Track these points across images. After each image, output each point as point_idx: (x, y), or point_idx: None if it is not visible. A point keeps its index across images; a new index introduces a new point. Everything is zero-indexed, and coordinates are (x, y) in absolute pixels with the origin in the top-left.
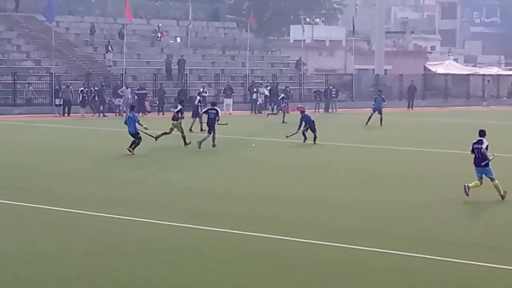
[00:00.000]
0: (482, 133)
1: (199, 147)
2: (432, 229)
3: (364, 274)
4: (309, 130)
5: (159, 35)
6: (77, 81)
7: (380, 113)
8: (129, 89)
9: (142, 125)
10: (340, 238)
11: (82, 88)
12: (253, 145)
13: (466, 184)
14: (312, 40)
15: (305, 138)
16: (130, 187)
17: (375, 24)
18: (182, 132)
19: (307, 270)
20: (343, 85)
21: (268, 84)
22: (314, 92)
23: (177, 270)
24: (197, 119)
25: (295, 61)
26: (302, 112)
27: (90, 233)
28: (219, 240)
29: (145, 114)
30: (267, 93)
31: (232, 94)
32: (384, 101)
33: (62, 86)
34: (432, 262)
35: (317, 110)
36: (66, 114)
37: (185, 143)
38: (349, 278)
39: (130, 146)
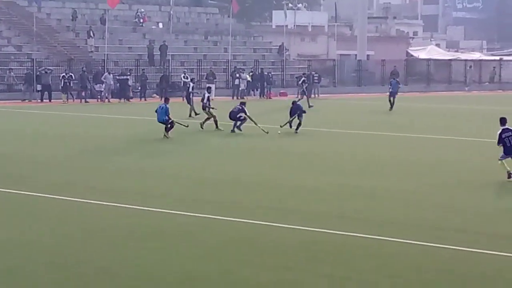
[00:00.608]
0: (504, 121)
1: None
2: (418, 215)
3: (349, 260)
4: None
5: (141, 20)
6: (58, 67)
7: (394, 97)
8: (111, 75)
9: (169, 119)
10: (326, 224)
11: (64, 74)
12: (279, 132)
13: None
14: (294, 25)
15: (291, 126)
16: (114, 174)
17: (358, 9)
18: (213, 117)
19: (293, 256)
20: (326, 71)
21: (252, 70)
22: (296, 77)
23: (163, 257)
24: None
25: (277, 47)
26: (294, 102)
27: (75, 220)
28: (204, 226)
29: (128, 100)
30: (249, 78)
31: (215, 80)
32: (400, 85)
33: (41, 72)
34: (417, 248)
35: (299, 95)
36: (45, 100)
37: (217, 126)
38: (334, 264)
39: (166, 131)
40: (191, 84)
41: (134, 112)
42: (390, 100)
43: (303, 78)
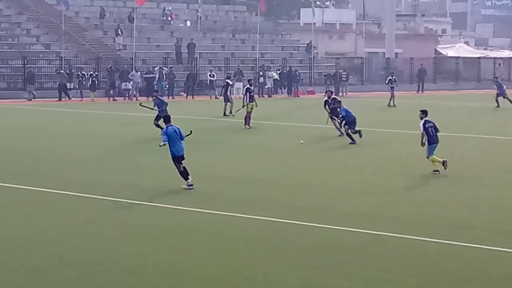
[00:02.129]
0: (426, 113)
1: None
2: (437, 212)
3: (372, 259)
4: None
5: (169, 18)
6: (86, 65)
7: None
8: (138, 73)
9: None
10: (349, 222)
11: (92, 72)
12: (301, 142)
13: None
14: (322, 23)
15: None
16: (140, 172)
17: (386, 7)
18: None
19: (318, 254)
20: (354, 69)
21: (279, 68)
22: (324, 75)
23: (187, 254)
24: (229, 103)
25: (305, 45)
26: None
27: (100, 218)
28: (229, 224)
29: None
30: (276, 77)
31: (242, 78)
32: (504, 87)
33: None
34: (441, 246)
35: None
36: (63, 99)
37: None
38: (358, 263)
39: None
40: (230, 83)
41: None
42: (497, 100)
43: (389, 77)
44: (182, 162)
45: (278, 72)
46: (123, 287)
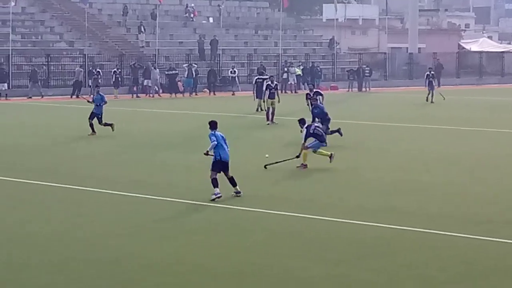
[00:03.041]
0: (303, 121)
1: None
2: (463, 207)
3: (399, 253)
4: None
5: (191, 15)
6: (110, 62)
7: None
8: (157, 70)
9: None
10: (376, 217)
11: (115, 69)
12: (267, 155)
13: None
14: (345, 19)
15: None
16: (161, 168)
17: (409, 2)
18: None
19: (342, 249)
20: (377, 64)
21: (300, 64)
22: (347, 71)
23: (212, 250)
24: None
25: (328, 40)
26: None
27: (123, 214)
28: (254, 219)
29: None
30: (299, 72)
31: (265, 74)
32: None
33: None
34: (468, 241)
35: (350, 89)
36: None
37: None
38: (384, 257)
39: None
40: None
41: (184, 107)
42: None
43: (426, 73)
44: (227, 170)
45: (300, 67)
46: (145, 284)
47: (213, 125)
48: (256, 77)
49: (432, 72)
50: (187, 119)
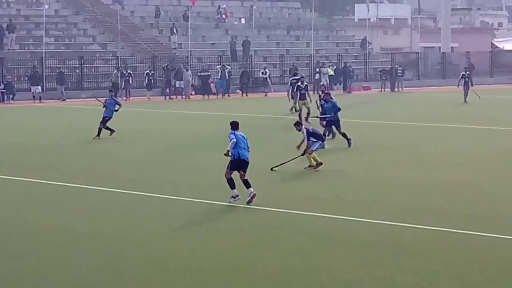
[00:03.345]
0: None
1: None
2: (504, 208)
3: (436, 254)
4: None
5: (223, 16)
6: (142, 64)
7: None
8: (189, 71)
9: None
10: (412, 218)
11: (148, 71)
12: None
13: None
14: (377, 18)
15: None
16: (196, 169)
17: (441, 1)
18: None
19: (380, 251)
20: (409, 64)
21: (331, 64)
22: (380, 71)
23: (251, 252)
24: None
25: (360, 40)
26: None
27: (162, 216)
28: (292, 221)
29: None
30: (331, 73)
31: (299, 75)
32: None
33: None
34: (505, 242)
35: (383, 89)
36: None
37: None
38: (422, 259)
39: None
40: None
41: (216, 108)
42: None
43: (462, 73)
44: (245, 170)
45: (333, 68)
46: (184, 285)
47: (234, 125)
48: (291, 78)
49: (467, 72)
50: (219, 120)
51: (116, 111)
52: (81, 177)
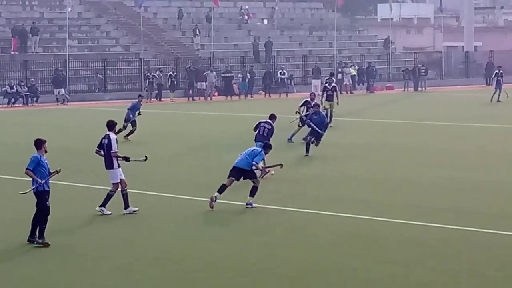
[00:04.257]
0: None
1: None
2: None
3: (460, 253)
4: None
5: (246, 17)
6: (165, 66)
7: None
8: (213, 72)
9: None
10: (435, 218)
11: (171, 73)
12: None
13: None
14: (399, 18)
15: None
16: (220, 170)
17: (464, 0)
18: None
19: (401, 250)
20: (432, 63)
21: (353, 64)
22: (403, 70)
23: (273, 251)
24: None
25: (383, 40)
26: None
27: (183, 217)
28: (315, 221)
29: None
30: (354, 73)
31: (320, 75)
32: None
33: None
34: None
35: (406, 89)
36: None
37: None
38: (445, 258)
39: None
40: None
41: (238, 109)
42: None
43: (495, 71)
44: (238, 178)
45: (355, 68)
46: (209, 283)
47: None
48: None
49: (501, 71)
50: (242, 121)
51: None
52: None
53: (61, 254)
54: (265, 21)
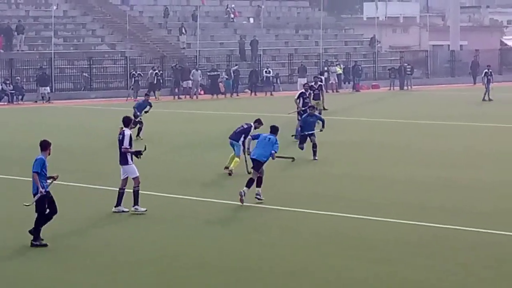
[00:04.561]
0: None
1: None
2: (506, 205)
3: (446, 251)
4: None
5: (232, 16)
6: (151, 64)
7: None
8: (199, 71)
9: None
10: (423, 216)
11: (157, 71)
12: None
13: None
14: (386, 17)
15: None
16: (207, 168)
17: None
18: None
19: (388, 248)
20: (418, 62)
21: (339, 63)
22: (388, 69)
23: (262, 250)
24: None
25: (369, 39)
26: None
27: (170, 215)
28: (302, 220)
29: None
30: (340, 71)
31: (306, 74)
32: None
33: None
34: None
35: (392, 88)
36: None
37: None
38: (433, 256)
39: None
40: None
41: (224, 107)
42: None
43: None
44: (258, 169)
45: (341, 66)
46: (194, 282)
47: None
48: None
49: (490, 70)
50: (227, 120)
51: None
52: (92, 177)
53: (60, 253)
54: (251, 20)
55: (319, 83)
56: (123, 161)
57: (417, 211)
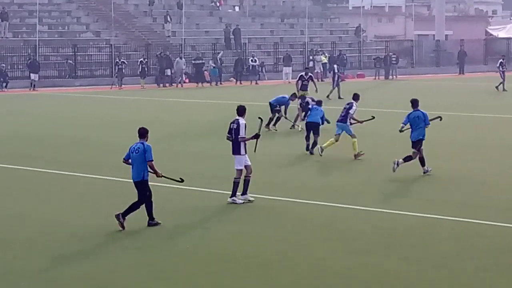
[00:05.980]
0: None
1: None
2: (498, 196)
3: (428, 242)
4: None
5: (217, 4)
6: (136, 52)
7: None
8: (183, 59)
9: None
10: (404, 206)
11: (142, 59)
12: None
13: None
14: (371, 6)
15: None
16: (192, 158)
17: None
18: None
19: (368, 239)
20: (403, 52)
21: (323, 52)
22: (374, 59)
23: (243, 239)
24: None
25: (354, 28)
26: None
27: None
28: (284, 209)
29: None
30: (325, 60)
31: (291, 63)
32: None
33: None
34: (497, 229)
35: (377, 77)
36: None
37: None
38: (414, 247)
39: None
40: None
41: (209, 96)
42: None
43: (500, 60)
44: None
45: (326, 56)
46: (175, 272)
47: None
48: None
49: (505, 60)
50: (213, 108)
51: None
52: (76, 167)
53: (63, 243)
54: (237, 8)
55: (309, 74)
56: (236, 150)
57: (400, 201)
